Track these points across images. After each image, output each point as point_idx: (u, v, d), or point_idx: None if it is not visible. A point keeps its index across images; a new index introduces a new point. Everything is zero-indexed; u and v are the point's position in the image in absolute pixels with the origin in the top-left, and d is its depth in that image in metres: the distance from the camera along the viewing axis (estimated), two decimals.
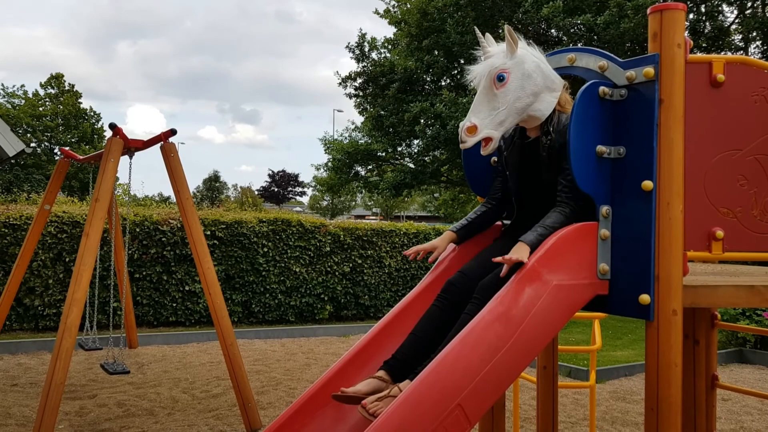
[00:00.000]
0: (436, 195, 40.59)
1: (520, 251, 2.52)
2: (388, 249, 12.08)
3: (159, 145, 5.94)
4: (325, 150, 24.54)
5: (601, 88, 2.64)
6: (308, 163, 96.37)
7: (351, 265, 11.68)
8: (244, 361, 5.67)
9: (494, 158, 3.21)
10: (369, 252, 11.88)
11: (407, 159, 22.72)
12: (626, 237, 2.61)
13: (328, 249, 11.44)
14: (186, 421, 5.66)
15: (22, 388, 6.59)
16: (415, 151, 21.68)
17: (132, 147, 5.99)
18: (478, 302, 2.55)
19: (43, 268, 9.16)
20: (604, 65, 2.72)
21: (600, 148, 2.64)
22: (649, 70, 2.54)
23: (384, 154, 22.22)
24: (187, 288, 10.23)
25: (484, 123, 2.62)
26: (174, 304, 10.18)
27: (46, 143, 43.44)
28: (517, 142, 2.94)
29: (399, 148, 21.98)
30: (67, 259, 9.27)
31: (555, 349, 3.68)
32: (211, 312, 5.67)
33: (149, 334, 9.31)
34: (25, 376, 7.09)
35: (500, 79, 2.64)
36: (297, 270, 11.12)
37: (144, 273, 9.89)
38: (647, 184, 2.53)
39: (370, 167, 24.24)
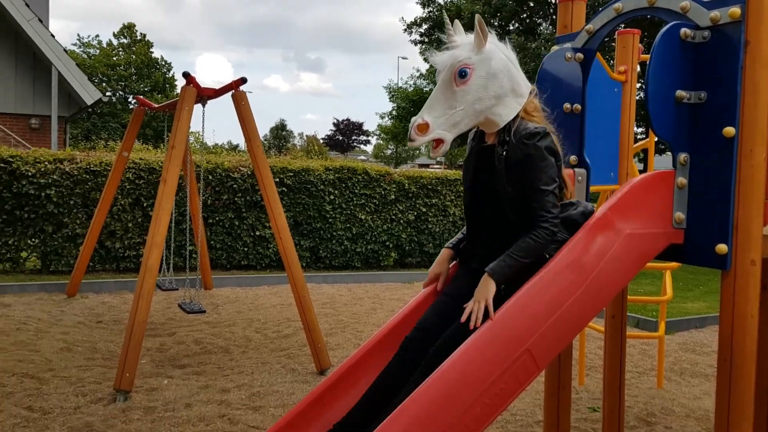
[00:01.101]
0: None
1: (484, 289, 2.33)
2: (452, 198, 12.05)
3: (230, 93, 6.05)
4: (389, 98, 24.46)
5: (683, 30, 2.54)
6: (373, 111, 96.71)
7: (415, 213, 11.73)
8: (313, 304, 5.84)
9: (566, 104, 3.14)
10: (433, 200, 11.88)
11: None
12: (704, 185, 2.54)
13: (392, 197, 11.51)
14: (260, 359, 5.92)
15: (106, 324, 7.02)
16: None
17: (204, 95, 6.11)
18: (423, 372, 2.28)
19: (122, 212, 9.60)
20: (686, 6, 2.60)
21: (679, 93, 2.56)
22: (735, 10, 2.42)
23: None
24: (257, 233, 10.54)
25: (437, 122, 2.36)
26: (245, 249, 10.53)
27: (120, 92, 44.82)
28: (474, 146, 2.64)
29: None
30: (144, 204, 9.68)
31: (624, 299, 3.65)
32: (282, 257, 5.83)
33: (222, 277, 9.70)
34: (108, 314, 7.54)
35: (462, 75, 2.37)
36: (362, 217, 11.27)
37: (217, 218, 10.23)
38: (729, 131, 2.45)
39: None
